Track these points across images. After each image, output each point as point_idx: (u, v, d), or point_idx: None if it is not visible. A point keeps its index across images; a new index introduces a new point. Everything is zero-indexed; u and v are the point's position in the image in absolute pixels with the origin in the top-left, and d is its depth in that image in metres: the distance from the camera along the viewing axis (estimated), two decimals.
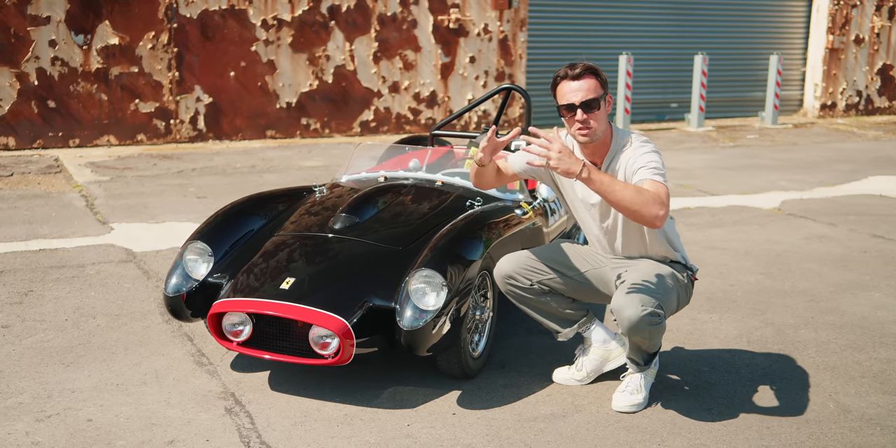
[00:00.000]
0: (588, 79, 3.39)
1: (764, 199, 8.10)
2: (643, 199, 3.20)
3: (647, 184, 3.29)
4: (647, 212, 3.20)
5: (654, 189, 3.26)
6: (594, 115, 3.40)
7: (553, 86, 3.47)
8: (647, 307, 3.36)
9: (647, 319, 3.36)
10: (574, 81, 3.39)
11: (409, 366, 4.03)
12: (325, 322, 3.52)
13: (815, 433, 3.48)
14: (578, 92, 3.38)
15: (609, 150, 3.51)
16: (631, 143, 3.48)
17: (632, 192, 3.21)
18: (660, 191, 3.26)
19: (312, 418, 3.55)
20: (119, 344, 4.31)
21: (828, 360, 4.23)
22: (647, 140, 3.51)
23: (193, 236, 4.09)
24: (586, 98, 3.38)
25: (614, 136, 3.52)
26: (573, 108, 3.39)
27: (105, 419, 3.52)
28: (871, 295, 5.23)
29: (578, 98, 3.38)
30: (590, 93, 3.38)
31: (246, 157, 9.96)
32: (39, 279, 5.31)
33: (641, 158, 3.39)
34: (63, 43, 10.06)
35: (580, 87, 3.38)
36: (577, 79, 3.39)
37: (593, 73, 3.41)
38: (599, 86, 3.41)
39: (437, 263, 3.69)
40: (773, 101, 13.79)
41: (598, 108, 3.40)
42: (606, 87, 3.45)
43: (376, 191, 4.45)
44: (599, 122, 3.42)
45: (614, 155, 3.50)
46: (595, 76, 3.41)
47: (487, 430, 3.47)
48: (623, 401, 3.62)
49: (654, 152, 3.42)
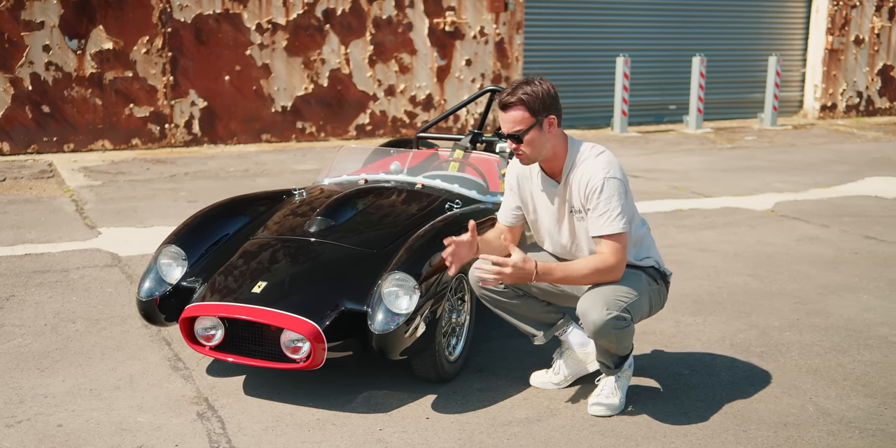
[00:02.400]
0: (515, 110, 3.36)
1: (758, 200, 8.05)
2: (602, 277, 3.39)
3: (603, 246, 3.37)
4: (604, 280, 3.41)
5: (609, 251, 3.35)
6: (525, 143, 3.39)
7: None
8: (613, 311, 3.32)
9: (613, 323, 3.33)
10: (502, 112, 3.40)
11: (386, 370, 3.99)
12: (295, 326, 3.48)
13: (792, 436, 3.43)
14: (507, 123, 3.39)
15: (565, 164, 3.48)
16: (585, 157, 3.44)
17: (586, 273, 3.37)
18: (615, 252, 3.36)
19: (284, 423, 3.52)
20: (96, 349, 4.28)
21: (811, 362, 4.19)
22: (602, 152, 3.46)
23: (168, 240, 4.07)
24: (512, 130, 3.38)
25: (570, 149, 3.48)
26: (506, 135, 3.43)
27: (75, 425, 3.49)
28: (859, 297, 5.18)
29: (506, 129, 3.40)
30: (516, 124, 3.37)
31: (240, 161, 9.94)
32: (22, 284, 5.29)
33: (595, 196, 3.36)
34: (57, 48, 10.06)
35: (508, 119, 3.39)
36: (504, 110, 3.39)
37: (521, 102, 3.35)
38: (528, 115, 3.35)
39: (411, 266, 3.65)
40: (772, 103, 13.73)
41: (526, 137, 3.37)
42: (544, 108, 3.36)
43: (355, 194, 4.42)
44: (533, 147, 3.40)
45: (571, 167, 3.47)
46: (523, 105, 3.34)
47: (460, 434, 3.44)
48: (598, 405, 3.58)
49: (609, 179, 3.36)
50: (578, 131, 12.75)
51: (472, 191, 4.64)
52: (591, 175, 3.38)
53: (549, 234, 3.61)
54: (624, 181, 3.41)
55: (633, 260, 3.54)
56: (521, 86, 3.37)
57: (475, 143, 5.33)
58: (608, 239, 3.36)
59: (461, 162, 5.03)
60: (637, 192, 8.30)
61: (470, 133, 5.35)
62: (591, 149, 3.47)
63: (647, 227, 3.63)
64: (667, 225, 6.99)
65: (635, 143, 11.91)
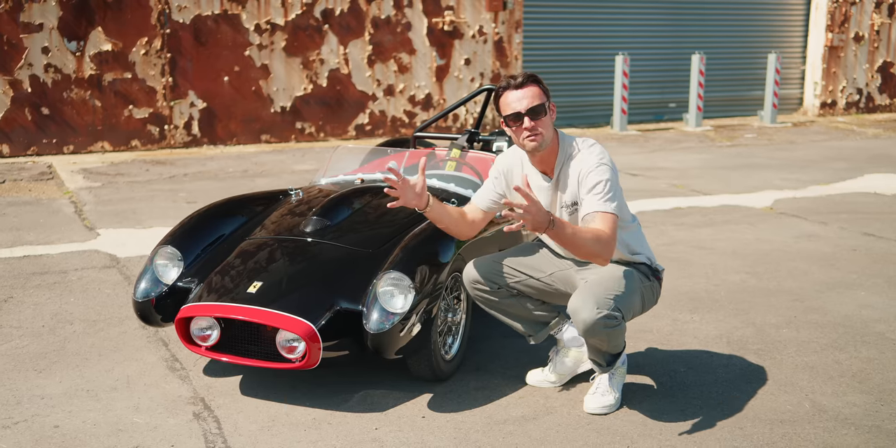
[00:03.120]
0: (531, 86, 3.41)
1: (757, 198, 8.04)
2: (600, 248, 3.26)
3: (598, 220, 3.31)
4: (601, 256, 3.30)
5: (605, 225, 3.29)
6: (541, 121, 3.40)
7: (496, 99, 3.48)
8: (603, 310, 3.32)
9: (603, 322, 3.33)
10: (517, 90, 3.40)
11: (384, 369, 3.99)
12: (290, 326, 3.49)
13: (787, 433, 3.43)
14: (523, 99, 3.39)
15: (558, 158, 3.49)
16: (578, 149, 3.46)
17: (590, 237, 3.25)
18: (610, 227, 3.29)
19: (280, 423, 3.52)
20: (93, 350, 4.29)
21: (807, 359, 4.18)
22: (593, 143, 3.49)
23: (164, 241, 4.07)
24: (532, 105, 3.38)
25: (561, 143, 3.50)
26: (520, 116, 3.39)
27: (72, 425, 3.50)
28: (857, 293, 5.17)
29: (524, 105, 3.38)
30: (535, 99, 3.39)
31: (239, 162, 9.95)
32: (21, 285, 5.30)
33: (590, 177, 3.37)
34: (56, 50, 10.07)
35: (524, 95, 3.39)
36: (519, 87, 3.40)
37: (535, 81, 3.43)
38: (542, 93, 3.42)
39: (406, 265, 3.66)
40: (771, 100, 13.72)
41: (545, 113, 3.40)
42: (549, 95, 3.46)
43: (350, 193, 4.42)
44: (546, 128, 3.42)
45: (563, 162, 3.48)
46: (537, 84, 3.42)
47: (456, 433, 3.44)
48: (594, 403, 3.58)
49: (603, 165, 3.38)
50: (578, 130, 12.76)
51: (468, 190, 4.64)
52: (584, 164, 3.41)
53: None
54: (615, 170, 3.43)
55: (627, 253, 3.55)
56: (523, 72, 3.48)
57: (472, 143, 5.33)
58: (603, 214, 3.31)
59: (458, 161, 5.03)
60: (636, 189, 8.31)
61: (467, 132, 5.35)
62: (583, 142, 3.50)
63: (637, 222, 3.64)
64: (665, 223, 6.99)
65: (635, 141, 11.90)
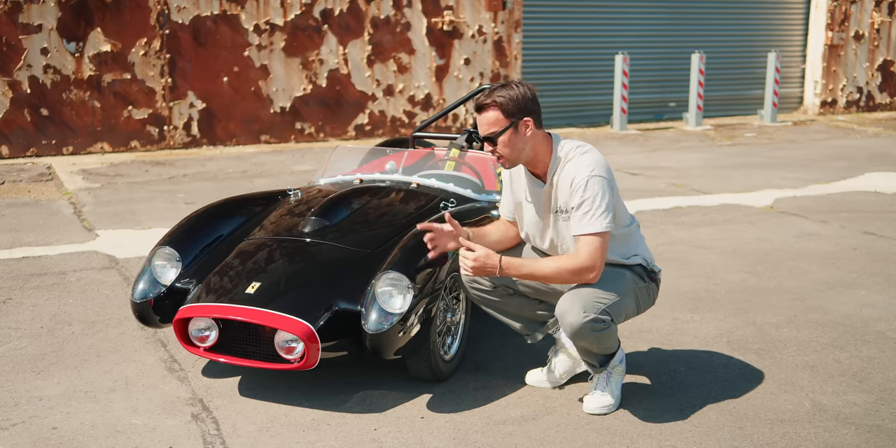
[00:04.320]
0: (489, 111, 3.35)
1: (757, 197, 8.03)
2: (571, 276, 3.32)
3: (580, 246, 3.31)
4: (579, 281, 3.35)
5: (585, 251, 3.28)
6: (502, 145, 3.37)
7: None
8: (590, 313, 3.29)
9: (591, 325, 3.30)
10: (478, 114, 3.39)
11: (382, 369, 3.98)
12: (289, 326, 3.48)
13: (788, 433, 3.42)
14: (482, 125, 3.38)
15: (551, 164, 3.44)
16: (572, 155, 3.41)
17: (553, 271, 3.31)
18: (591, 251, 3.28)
19: (279, 423, 3.51)
20: (92, 351, 4.28)
21: (808, 358, 4.17)
22: (588, 150, 3.42)
23: (162, 241, 4.06)
24: (487, 132, 3.37)
25: (555, 148, 3.44)
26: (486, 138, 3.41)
27: (70, 427, 3.49)
28: (857, 292, 5.16)
29: (482, 131, 3.39)
30: (491, 126, 3.36)
31: (238, 163, 9.94)
32: (20, 287, 5.29)
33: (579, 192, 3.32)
34: (55, 51, 10.06)
35: (482, 121, 3.38)
36: (479, 111, 3.38)
37: (496, 104, 3.34)
38: (503, 117, 3.33)
39: (405, 265, 3.65)
40: (771, 99, 13.71)
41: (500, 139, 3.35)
42: (518, 111, 3.34)
43: (349, 193, 4.41)
44: (511, 149, 3.38)
45: (557, 167, 3.43)
46: (497, 107, 3.34)
47: (455, 433, 3.43)
48: (593, 402, 3.57)
49: (594, 177, 3.32)
50: (578, 130, 12.75)
51: (467, 190, 4.63)
52: (576, 173, 3.35)
53: (536, 233, 3.59)
54: (609, 179, 3.36)
55: (620, 258, 3.52)
56: (497, 89, 3.38)
57: (471, 142, 5.32)
58: (588, 238, 3.29)
59: (457, 161, 5.02)
60: (636, 189, 8.30)
61: (465, 132, 5.34)
62: (577, 148, 3.43)
63: (636, 223, 3.61)
64: (665, 222, 6.98)
65: (635, 140, 11.89)
